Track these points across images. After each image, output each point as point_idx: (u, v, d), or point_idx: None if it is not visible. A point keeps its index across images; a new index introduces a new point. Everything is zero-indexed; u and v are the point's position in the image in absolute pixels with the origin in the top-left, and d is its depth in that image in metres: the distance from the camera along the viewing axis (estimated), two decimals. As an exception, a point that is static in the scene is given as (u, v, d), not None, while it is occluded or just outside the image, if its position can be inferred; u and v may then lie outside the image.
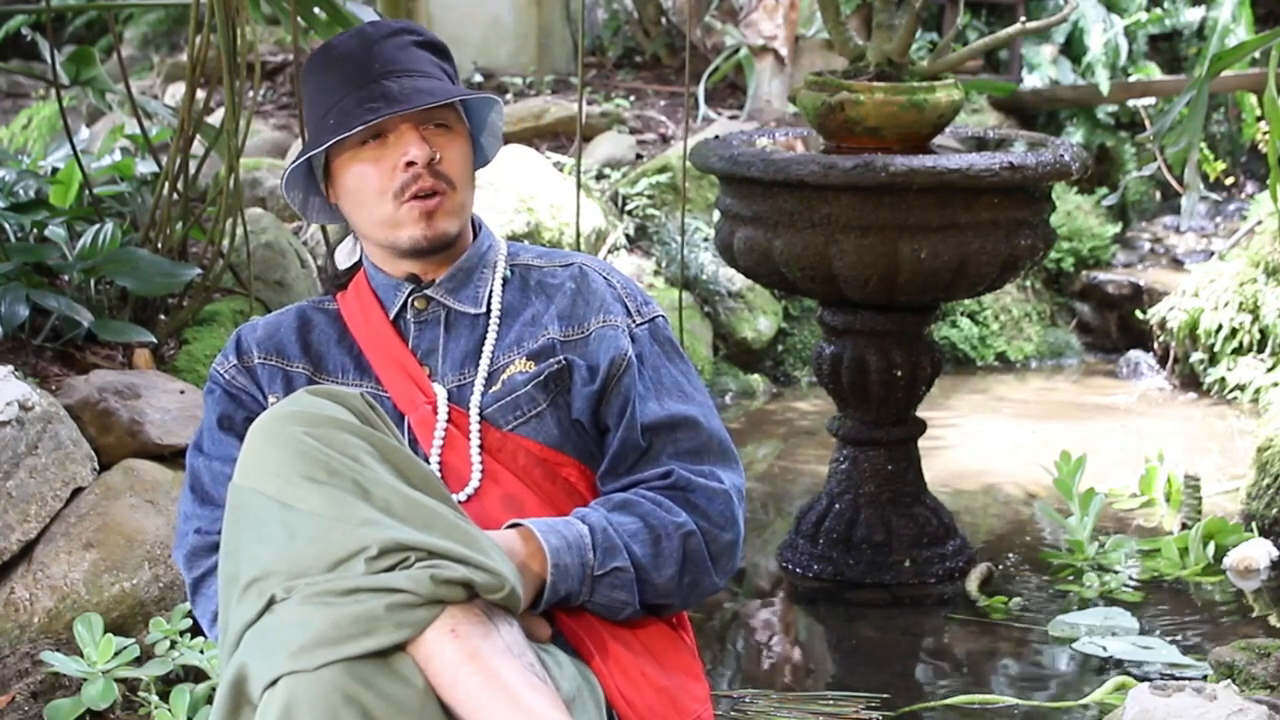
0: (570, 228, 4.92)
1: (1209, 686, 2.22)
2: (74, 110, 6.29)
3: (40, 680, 2.58)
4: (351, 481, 1.75)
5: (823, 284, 3.33)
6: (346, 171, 2.05)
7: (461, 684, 1.70)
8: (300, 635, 1.68)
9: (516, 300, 2.12)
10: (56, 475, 2.85)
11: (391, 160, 2.01)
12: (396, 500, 1.76)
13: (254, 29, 3.76)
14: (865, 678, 3.03)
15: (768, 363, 5.41)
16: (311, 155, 2.06)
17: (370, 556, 1.71)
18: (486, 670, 1.71)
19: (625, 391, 2.04)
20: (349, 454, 1.77)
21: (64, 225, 3.51)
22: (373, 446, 1.79)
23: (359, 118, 1.98)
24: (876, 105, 3.31)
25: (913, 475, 3.59)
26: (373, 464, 1.77)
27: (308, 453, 1.76)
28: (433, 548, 1.73)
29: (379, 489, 1.76)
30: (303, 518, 1.74)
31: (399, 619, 1.69)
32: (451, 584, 1.72)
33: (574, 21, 7.03)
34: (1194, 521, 3.75)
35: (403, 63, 2.04)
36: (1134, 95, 6.47)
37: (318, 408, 1.80)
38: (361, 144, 2.02)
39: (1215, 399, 5.12)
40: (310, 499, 1.74)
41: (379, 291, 2.13)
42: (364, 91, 2.00)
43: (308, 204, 2.15)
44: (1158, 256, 6.31)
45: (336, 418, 1.79)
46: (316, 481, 1.75)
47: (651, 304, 2.15)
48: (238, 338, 2.15)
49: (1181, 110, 3.54)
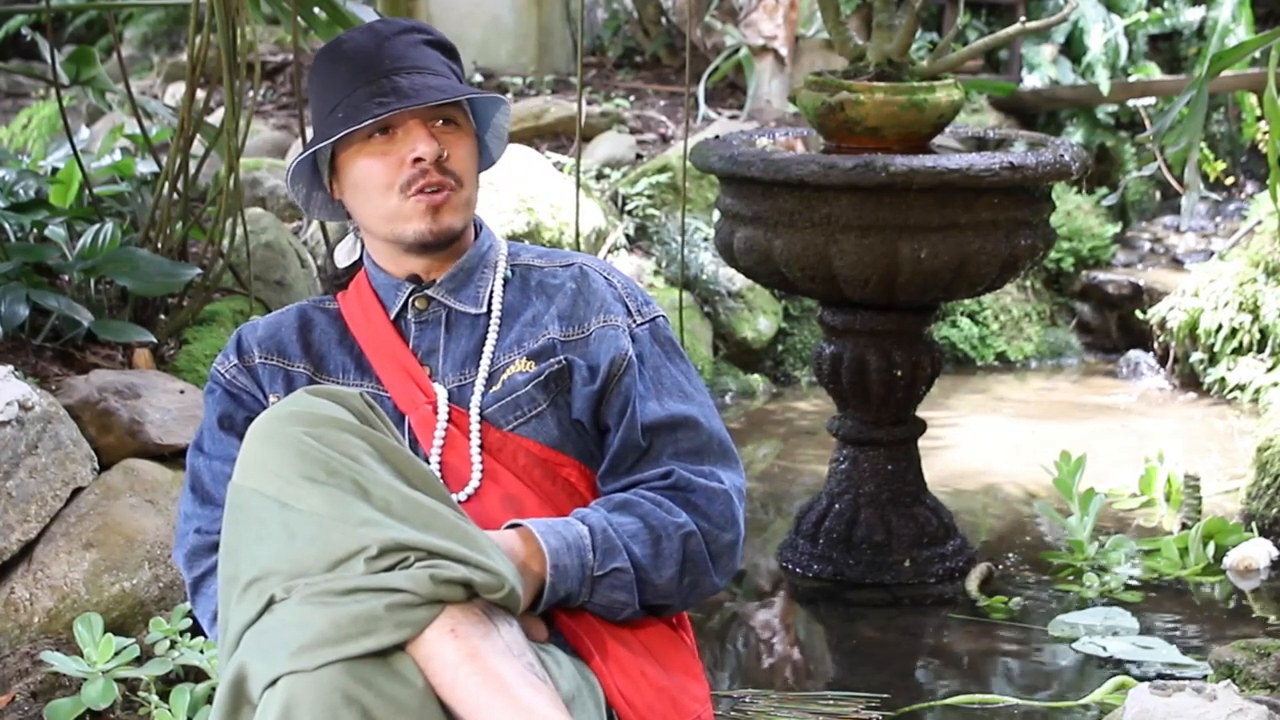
0: (570, 228, 4.91)
1: (1209, 686, 2.22)
2: (74, 110, 6.29)
3: (40, 680, 2.58)
4: (351, 481, 1.75)
5: (823, 284, 3.33)
6: (353, 165, 2.04)
7: (461, 684, 1.70)
8: (300, 635, 1.68)
9: (517, 300, 2.12)
10: (56, 475, 2.85)
11: (399, 155, 2.02)
12: (396, 500, 1.76)
13: (254, 29, 3.75)
14: (865, 678, 3.03)
15: (768, 363, 5.41)
16: (317, 149, 2.06)
17: (370, 556, 1.71)
18: (486, 670, 1.71)
19: (625, 391, 2.04)
20: (348, 454, 1.77)
21: (64, 225, 3.51)
22: (372, 446, 1.79)
23: (368, 111, 1.98)
24: (876, 105, 3.31)
25: (913, 475, 3.59)
26: (372, 464, 1.77)
27: (307, 453, 1.76)
28: (432, 547, 1.73)
29: (378, 489, 1.76)
30: (302, 518, 1.74)
31: (399, 619, 1.69)
32: (451, 584, 1.71)
33: (574, 21, 7.03)
34: (1194, 521, 3.75)
35: (412, 59, 2.05)
36: (1134, 95, 6.47)
37: (317, 408, 1.80)
38: (369, 138, 2.02)
39: (1215, 399, 5.12)
40: (310, 499, 1.74)
41: (379, 291, 2.13)
42: (374, 86, 2.00)
43: (310, 199, 2.15)
44: (1158, 256, 6.31)
45: (336, 417, 1.79)
46: (316, 481, 1.75)
47: (652, 304, 2.15)
48: (238, 337, 2.15)
49: (1181, 110, 3.54)
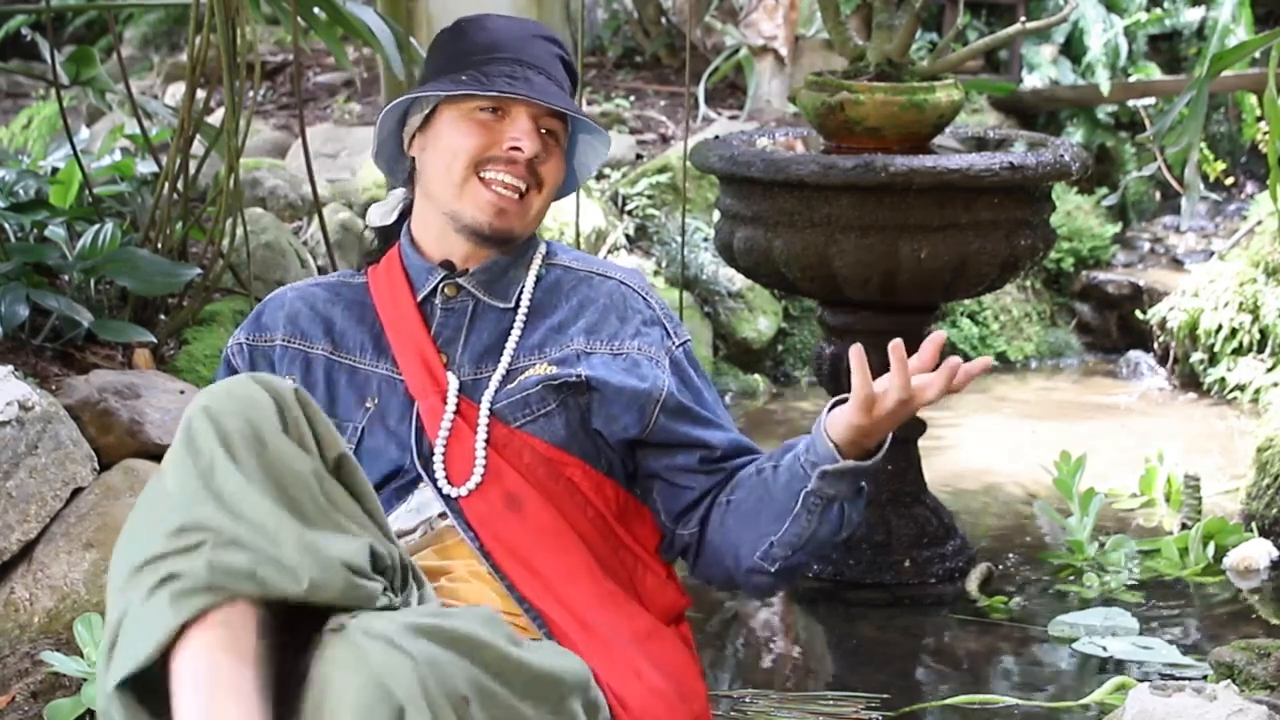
0: (570, 228, 4.91)
1: (1209, 686, 2.23)
2: (74, 110, 6.29)
3: (40, 680, 2.58)
4: (208, 462, 1.69)
5: (823, 284, 3.33)
6: (450, 125, 2.06)
7: (178, 689, 1.61)
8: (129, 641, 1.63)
9: (546, 301, 2.12)
10: (56, 475, 2.85)
11: (499, 134, 2.04)
12: (232, 487, 1.67)
13: (254, 29, 3.75)
14: (865, 678, 3.03)
15: (768, 363, 5.41)
16: (426, 96, 2.07)
17: (169, 533, 1.65)
18: (196, 688, 1.60)
19: (674, 428, 2.10)
20: (223, 436, 1.69)
21: (64, 225, 3.51)
22: (255, 432, 1.70)
23: (497, 85, 2.01)
24: (876, 105, 3.31)
25: (913, 475, 3.59)
26: (239, 447, 1.69)
27: (191, 433, 1.71)
28: (233, 535, 1.64)
29: (220, 476, 1.68)
30: (158, 493, 1.70)
31: (178, 606, 1.61)
32: (233, 574, 1.63)
33: (574, 21, 7.03)
34: (1194, 521, 3.75)
35: (546, 64, 2.09)
36: (1134, 95, 6.47)
37: (236, 387, 1.74)
38: (479, 109, 2.05)
39: (1215, 399, 5.12)
40: (169, 475, 1.70)
41: (410, 272, 2.13)
42: (509, 68, 2.04)
43: (381, 148, 2.16)
44: (1158, 256, 6.31)
45: (249, 397, 1.72)
46: (177, 462, 1.70)
47: (682, 327, 2.20)
48: (259, 313, 2.18)
49: (1181, 110, 3.53)
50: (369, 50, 5.58)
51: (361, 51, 6.82)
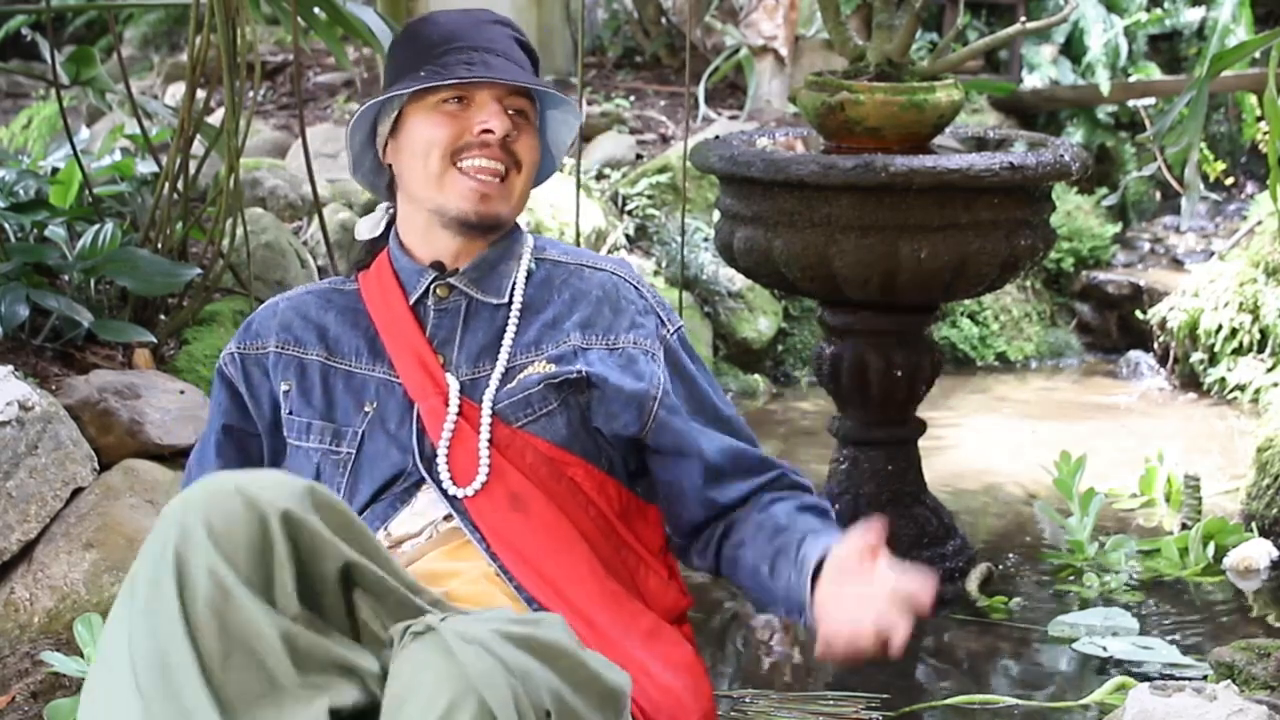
0: (570, 227, 4.92)
1: (1209, 686, 2.22)
2: (74, 110, 6.29)
3: (40, 680, 2.58)
4: (166, 639, 1.61)
5: (823, 284, 3.33)
6: (418, 123, 2.06)
7: None
8: None
9: (538, 296, 2.12)
10: (56, 475, 2.85)
11: (468, 123, 2.04)
12: (189, 690, 1.59)
13: (254, 29, 3.75)
14: (865, 678, 3.03)
15: (768, 363, 5.41)
16: (392, 97, 2.07)
17: None
18: None
19: (673, 425, 2.10)
20: (187, 592, 1.61)
21: (64, 225, 3.51)
22: (219, 587, 1.61)
23: (455, 73, 2.01)
24: (876, 105, 3.30)
25: (913, 475, 3.59)
26: (201, 612, 1.60)
27: (156, 572, 1.63)
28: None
29: (177, 665, 1.60)
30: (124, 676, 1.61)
31: None
32: None
33: (574, 21, 7.03)
34: (1194, 521, 3.75)
35: (503, 46, 2.09)
36: (1134, 95, 6.47)
37: (217, 518, 1.64)
38: (443, 101, 2.04)
39: (1215, 399, 5.12)
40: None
41: (401, 275, 2.13)
42: (465, 55, 2.04)
43: (360, 161, 2.16)
44: (1158, 256, 6.31)
45: (227, 534, 1.63)
46: (137, 618, 1.62)
47: (674, 313, 2.20)
48: (250, 323, 2.18)
49: (1181, 110, 3.53)
50: (369, 50, 5.58)
51: (361, 51, 6.82)
